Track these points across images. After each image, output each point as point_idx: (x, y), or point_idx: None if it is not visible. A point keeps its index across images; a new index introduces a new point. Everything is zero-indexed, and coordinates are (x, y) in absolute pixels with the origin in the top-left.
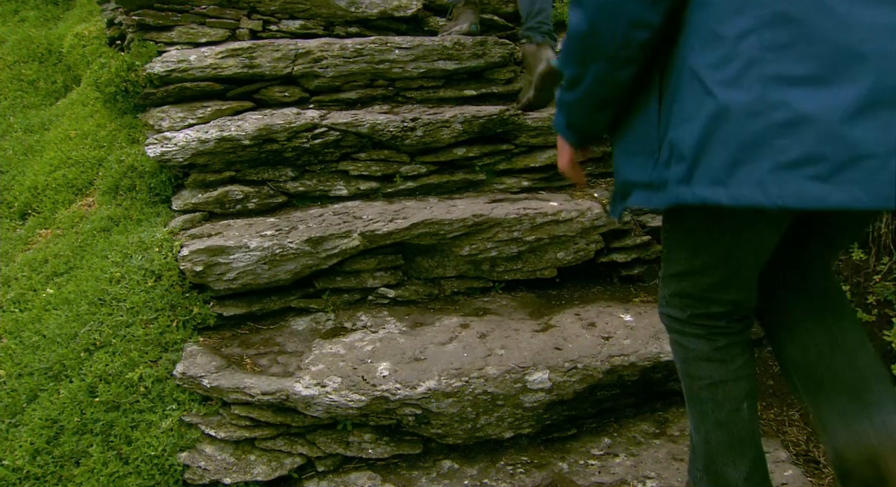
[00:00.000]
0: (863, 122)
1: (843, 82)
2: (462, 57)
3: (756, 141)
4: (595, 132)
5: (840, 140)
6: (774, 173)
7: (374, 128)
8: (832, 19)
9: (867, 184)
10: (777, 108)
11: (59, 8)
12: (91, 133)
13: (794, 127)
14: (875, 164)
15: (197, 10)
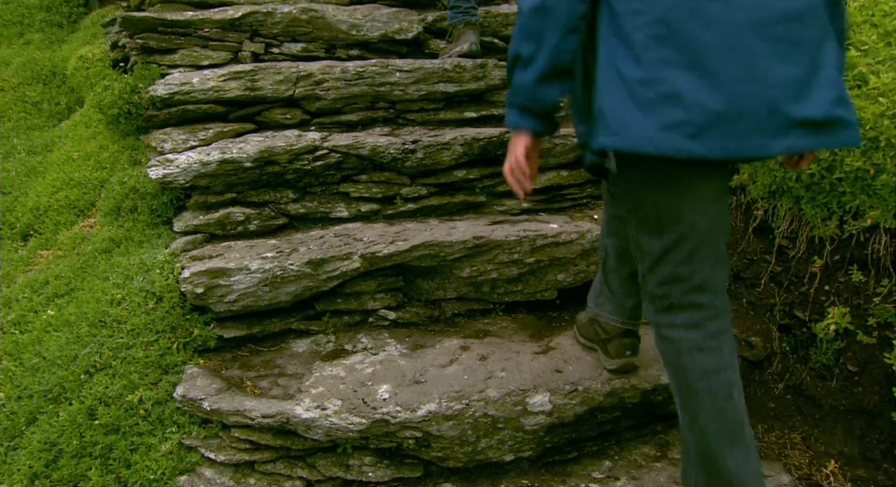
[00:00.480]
0: (717, 97)
1: (705, 67)
2: (462, 79)
3: (648, 106)
4: (552, 107)
5: (704, 110)
6: (660, 131)
7: (375, 150)
8: (699, 20)
9: (720, 141)
10: (663, 83)
11: (63, 30)
12: (94, 154)
13: (674, 98)
14: (725, 124)
15: (200, 33)
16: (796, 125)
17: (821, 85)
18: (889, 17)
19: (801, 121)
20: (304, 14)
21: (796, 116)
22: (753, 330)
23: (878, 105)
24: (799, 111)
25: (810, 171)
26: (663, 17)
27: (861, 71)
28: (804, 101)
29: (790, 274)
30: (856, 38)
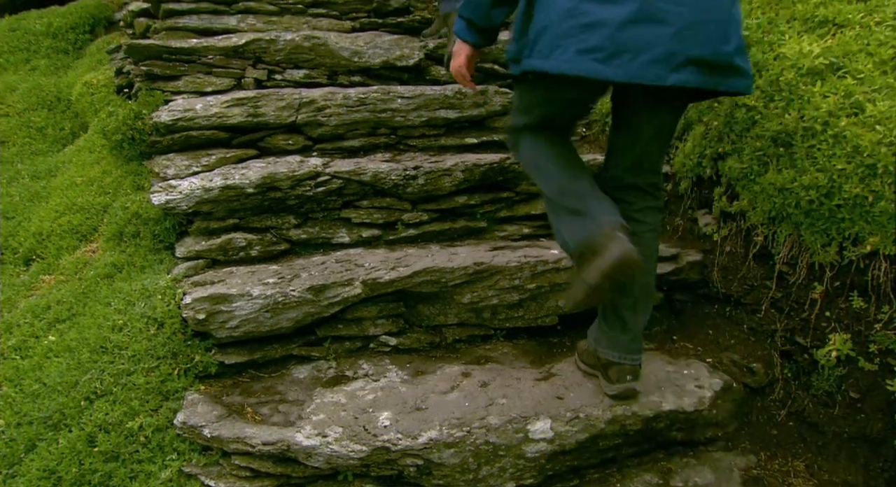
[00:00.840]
0: (627, 30)
1: (622, 4)
2: (463, 106)
3: (568, 33)
4: (492, 26)
5: (614, 39)
6: (576, 54)
7: (377, 176)
8: None
9: (624, 67)
10: (584, 15)
11: (69, 57)
12: (97, 179)
13: (591, 27)
14: (629, 56)
15: (204, 60)
16: (691, 62)
17: (730, 34)
18: (884, 46)
19: (696, 59)
20: (306, 41)
21: (692, 55)
22: (755, 356)
23: (875, 132)
24: (698, 50)
25: (809, 198)
26: None
27: (858, 99)
28: (705, 41)
29: (791, 300)
30: (852, 67)
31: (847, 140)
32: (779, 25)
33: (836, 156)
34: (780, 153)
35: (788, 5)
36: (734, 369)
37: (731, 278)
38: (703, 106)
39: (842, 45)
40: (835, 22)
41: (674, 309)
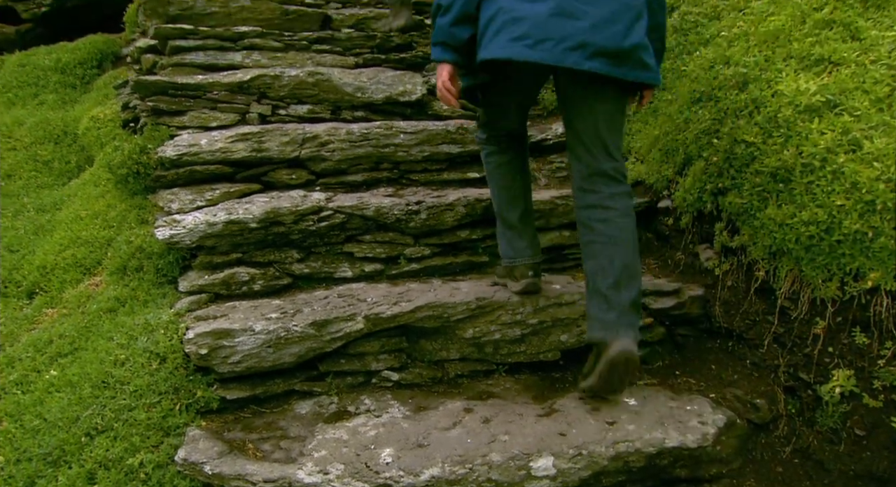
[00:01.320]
0: (550, 22)
1: (544, 2)
2: (465, 141)
3: (501, 27)
4: (463, 43)
5: (540, 28)
6: (509, 42)
7: (380, 211)
8: None
9: (549, 51)
10: (513, 11)
11: (76, 91)
12: (101, 213)
13: (519, 20)
14: (552, 43)
15: (209, 95)
16: (601, 53)
17: (631, 33)
18: (880, 84)
19: (604, 50)
20: (310, 77)
21: (601, 46)
22: (758, 392)
23: (873, 169)
24: (604, 41)
25: (809, 233)
26: None
27: (855, 136)
28: (611, 35)
29: (793, 335)
30: (848, 104)
31: (845, 176)
32: (775, 63)
33: (834, 192)
34: (780, 189)
35: (784, 44)
36: (738, 405)
37: (733, 313)
38: (703, 142)
39: (838, 82)
40: (830, 60)
41: (676, 344)
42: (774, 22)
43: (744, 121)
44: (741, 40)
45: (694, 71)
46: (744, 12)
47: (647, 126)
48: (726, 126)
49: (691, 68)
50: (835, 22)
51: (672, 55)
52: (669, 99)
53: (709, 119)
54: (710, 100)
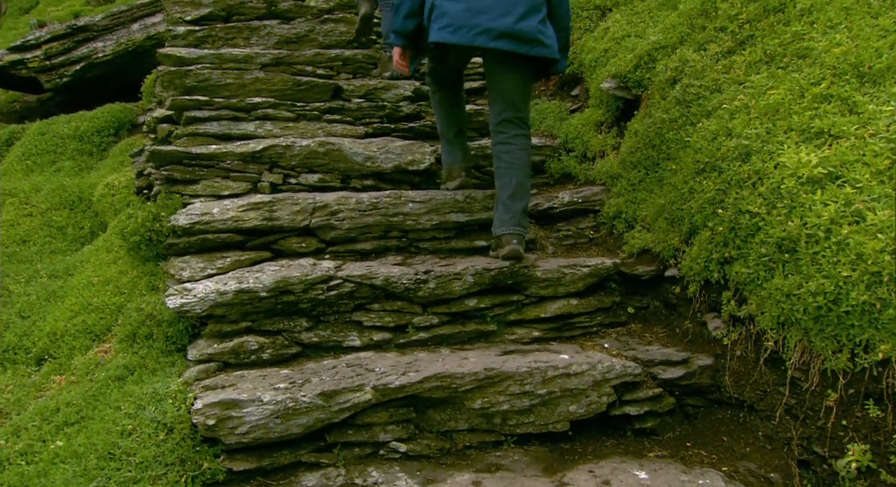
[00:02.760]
0: (463, 15)
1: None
2: (473, 209)
3: (435, 19)
4: (411, 32)
5: (458, 20)
6: (438, 30)
7: (388, 280)
8: None
9: (464, 36)
10: (440, 8)
11: (93, 158)
12: (113, 279)
13: (444, 15)
14: (466, 30)
15: (222, 165)
16: (503, 35)
17: (525, 20)
18: (880, 156)
19: (505, 33)
20: (321, 147)
21: (502, 30)
22: (772, 466)
23: (878, 241)
24: (506, 27)
25: (816, 304)
26: None
27: (858, 208)
28: (513, 22)
29: (805, 406)
30: (850, 176)
31: (850, 247)
32: (777, 135)
33: (840, 263)
34: (786, 259)
35: (785, 116)
36: (751, 479)
37: (743, 383)
38: (708, 212)
39: (838, 155)
40: (830, 133)
41: (686, 415)
42: (774, 95)
43: (747, 191)
44: (742, 113)
45: (697, 142)
46: (744, 85)
47: (652, 195)
48: (730, 196)
49: (694, 139)
50: (832, 96)
51: (676, 126)
52: (674, 169)
53: (713, 189)
54: (714, 170)
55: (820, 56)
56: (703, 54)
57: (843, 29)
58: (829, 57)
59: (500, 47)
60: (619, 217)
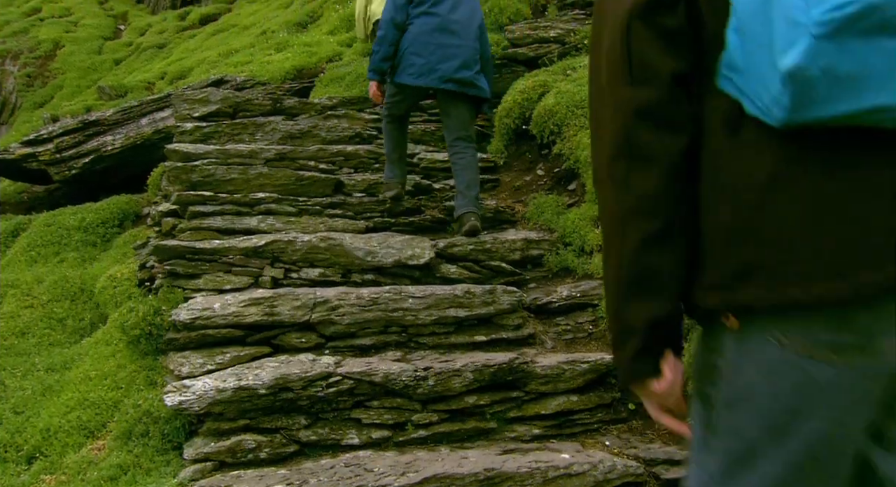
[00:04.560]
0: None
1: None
2: (472, 305)
3: (405, 67)
4: (384, 72)
5: (421, 69)
6: (407, 75)
7: (388, 377)
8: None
9: (425, 80)
10: (409, 59)
11: (96, 249)
12: (111, 374)
13: (412, 64)
14: (426, 76)
15: (225, 259)
16: (451, 80)
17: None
18: None
19: (454, 79)
20: (322, 242)
21: (452, 77)
22: None
23: None
24: (452, 74)
25: None
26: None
27: None
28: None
29: None
30: None
31: None
32: None
33: None
34: None
35: None
36: None
37: None
38: None
39: None
40: None
41: None
42: None
43: None
44: None
45: None
46: None
47: None
48: None
49: None
50: None
51: None
52: None
53: None
54: None
55: None
56: None
57: None
58: None
59: (448, 88)
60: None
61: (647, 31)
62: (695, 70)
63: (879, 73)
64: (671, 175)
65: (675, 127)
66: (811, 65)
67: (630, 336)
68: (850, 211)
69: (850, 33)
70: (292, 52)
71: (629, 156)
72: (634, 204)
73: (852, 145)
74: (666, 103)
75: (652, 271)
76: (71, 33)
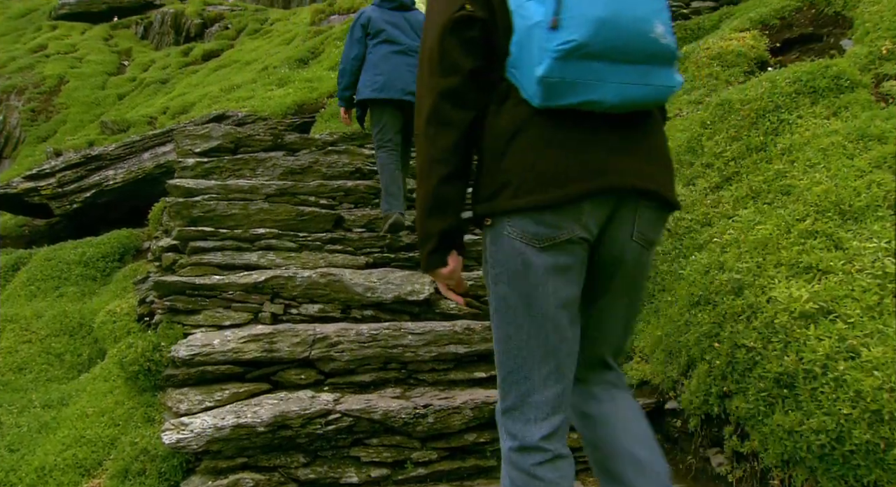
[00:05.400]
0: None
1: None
2: (472, 341)
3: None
4: (349, 98)
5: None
6: (370, 91)
7: (387, 414)
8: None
9: (385, 94)
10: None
11: (96, 283)
12: (108, 410)
13: (374, 81)
14: (386, 91)
15: (224, 295)
16: (412, 93)
17: None
18: (868, 292)
19: (405, 91)
20: (322, 278)
21: (412, 89)
22: None
23: (875, 378)
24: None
25: (820, 442)
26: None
27: (852, 343)
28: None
29: None
30: (841, 311)
31: (848, 384)
32: (767, 270)
33: (839, 399)
34: (785, 394)
35: (773, 251)
36: None
37: None
38: (705, 345)
39: (828, 290)
40: (818, 268)
41: None
42: (762, 230)
43: (742, 325)
44: (733, 247)
45: (691, 275)
46: (733, 219)
47: (649, 326)
48: (726, 330)
49: (688, 272)
50: (818, 232)
51: (669, 258)
52: (670, 300)
53: (708, 322)
54: (709, 304)
55: (803, 193)
56: (693, 189)
57: (822, 168)
58: (811, 194)
59: (409, 100)
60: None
61: (455, 40)
62: (488, 67)
63: (589, 81)
64: (462, 136)
65: (468, 105)
66: (551, 75)
67: (429, 239)
68: (553, 155)
69: (573, 58)
70: (293, 88)
71: (436, 123)
72: (437, 155)
73: (573, 118)
74: (463, 89)
75: (445, 199)
76: (76, 69)
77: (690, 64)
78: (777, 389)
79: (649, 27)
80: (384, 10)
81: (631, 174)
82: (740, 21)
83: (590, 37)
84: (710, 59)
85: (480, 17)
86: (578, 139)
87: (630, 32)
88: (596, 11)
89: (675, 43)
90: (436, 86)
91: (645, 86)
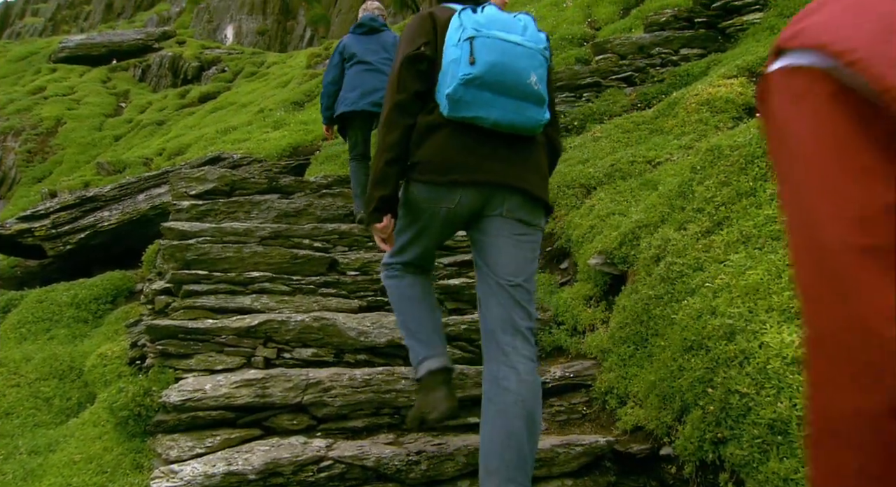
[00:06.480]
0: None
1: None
2: (465, 386)
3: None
4: (330, 117)
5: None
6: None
7: (380, 461)
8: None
9: (353, 107)
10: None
11: (88, 325)
12: (96, 457)
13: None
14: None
15: (217, 339)
16: (373, 104)
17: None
18: None
19: (374, 104)
20: (316, 322)
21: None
22: None
23: None
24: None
25: None
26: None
27: None
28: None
29: None
30: None
31: None
32: (759, 315)
33: None
34: (780, 441)
35: (765, 296)
36: None
37: None
38: (698, 390)
39: None
40: None
41: None
42: (753, 275)
43: (735, 371)
44: (725, 292)
45: (683, 319)
46: (724, 264)
47: (642, 371)
48: (719, 375)
49: (680, 317)
50: None
51: (662, 303)
52: (662, 345)
53: (702, 367)
54: (701, 348)
55: None
56: (684, 233)
57: None
58: None
59: (371, 110)
60: (611, 392)
61: (408, 70)
62: (428, 89)
63: (479, 103)
64: (404, 135)
65: (410, 114)
66: (455, 94)
67: (372, 201)
68: (448, 153)
69: (471, 85)
70: (289, 130)
71: (387, 125)
72: (385, 146)
73: (471, 131)
74: (408, 103)
75: (386, 175)
76: (73, 110)
77: (680, 109)
78: (771, 436)
79: (527, 75)
80: (357, 37)
81: (502, 175)
82: (728, 68)
83: (484, 73)
84: (699, 104)
85: (429, 55)
86: (468, 146)
87: (512, 75)
88: (491, 58)
89: (545, 90)
90: (391, 100)
91: (519, 115)
